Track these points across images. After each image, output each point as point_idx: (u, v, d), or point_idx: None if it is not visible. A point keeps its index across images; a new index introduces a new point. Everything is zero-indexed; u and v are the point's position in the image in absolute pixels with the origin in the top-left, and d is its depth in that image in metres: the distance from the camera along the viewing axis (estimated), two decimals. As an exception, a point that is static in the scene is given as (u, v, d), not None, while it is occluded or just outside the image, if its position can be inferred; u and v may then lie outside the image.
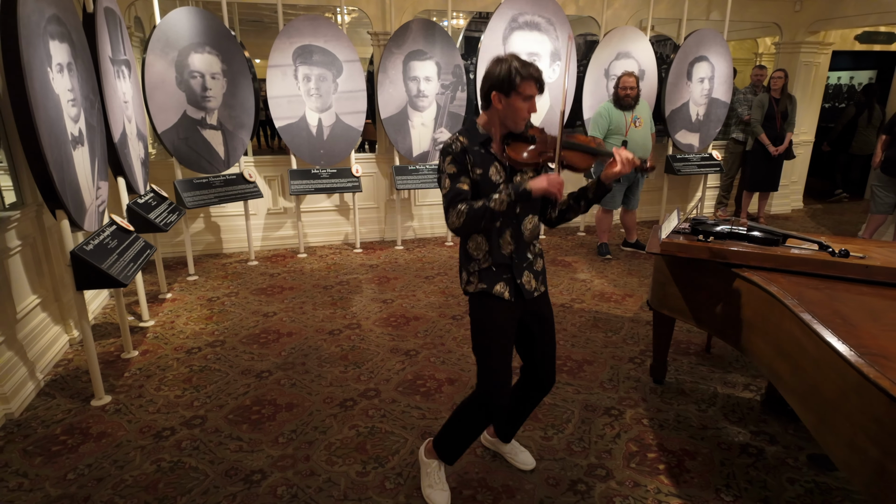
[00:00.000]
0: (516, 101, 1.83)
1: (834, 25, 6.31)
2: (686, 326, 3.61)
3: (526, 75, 1.81)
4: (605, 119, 4.78)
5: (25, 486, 2.22)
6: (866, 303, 1.99)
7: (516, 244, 1.94)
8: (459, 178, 1.86)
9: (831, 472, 2.33)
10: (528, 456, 2.36)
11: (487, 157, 1.89)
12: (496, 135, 1.93)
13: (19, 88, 2.23)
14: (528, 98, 1.84)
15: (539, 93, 1.86)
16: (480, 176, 1.87)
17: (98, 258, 2.67)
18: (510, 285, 1.94)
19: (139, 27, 6.12)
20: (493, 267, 1.93)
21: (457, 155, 1.86)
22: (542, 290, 2.03)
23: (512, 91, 1.82)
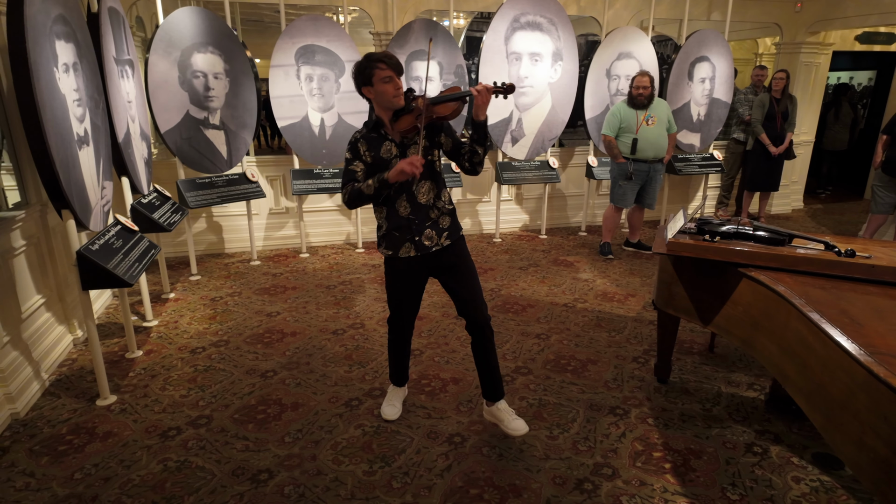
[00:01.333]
0: (378, 86, 2.19)
1: (834, 26, 6.33)
2: (689, 326, 3.62)
3: (375, 61, 2.17)
4: (616, 117, 4.81)
5: (33, 485, 2.22)
6: (873, 302, 1.99)
7: (412, 207, 2.31)
8: (353, 162, 2.28)
9: (836, 471, 2.33)
10: (521, 423, 2.44)
11: (379, 139, 2.29)
12: (385, 118, 2.28)
13: (26, 88, 2.23)
14: (387, 79, 2.18)
15: (394, 72, 2.18)
16: (373, 157, 2.27)
17: (104, 258, 2.67)
18: (413, 244, 2.32)
19: (141, 27, 6.12)
20: (395, 231, 2.32)
21: (351, 144, 2.29)
22: (446, 244, 2.36)
23: (371, 78, 2.19)
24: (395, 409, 2.67)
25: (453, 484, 2.24)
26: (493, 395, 2.48)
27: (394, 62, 2.19)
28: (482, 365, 2.45)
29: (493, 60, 5.16)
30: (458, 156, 2.35)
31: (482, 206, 6.00)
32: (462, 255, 2.41)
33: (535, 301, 4.11)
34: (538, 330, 3.63)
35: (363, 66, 2.19)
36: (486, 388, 2.49)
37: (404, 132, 2.25)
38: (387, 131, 2.29)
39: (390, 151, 2.27)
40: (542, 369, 3.13)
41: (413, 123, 2.21)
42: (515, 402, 2.79)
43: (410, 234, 2.32)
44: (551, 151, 5.80)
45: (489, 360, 2.44)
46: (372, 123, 2.30)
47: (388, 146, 2.28)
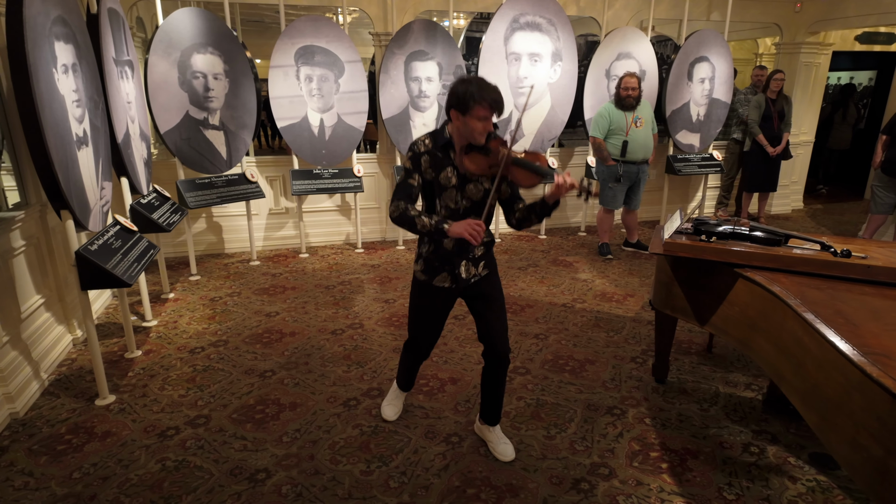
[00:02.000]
0: (471, 121, 2.03)
1: (834, 26, 6.33)
2: (687, 326, 3.63)
3: (479, 99, 1.99)
4: (605, 119, 4.81)
5: (31, 484, 2.23)
6: (868, 303, 2.00)
7: (456, 242, 2.18)
8: (412, 174, 2.14)
9: (833, 471, 2.34)
10: (508, 448, 2.42)
11: (445, 161, 2.14)
12: (457, 143, 2.13)
13: (25, 89, 2.24)
14: (483, 118, 2.03)
15: (494, 114, 2.04)
16: (434, 177, 2.15)
17: (103, 258, 2.68)
18: (450, 275, 2.24)
19: (141, 27, 6.13)
20: (436, 260, 2.23)
21: (416, 154, 2.14)
22: (482, 274, 2.29)
23: (467, 111, 2.01)
24: (395, 410, 2.69)
25: (450, 483, 2.24)
26: (491, 419, 2.45)
27: (499, 106, 2.03)
28: (490, 391, 2.39)
29: (493, 61, 5.17)
30: (510, 209, 2.24)
31: (482, 207, 6.00)
32: (496, 285, 2.32)
33: (533, 301, 4.12)
34: (537, 330, 3.64)
35: (467, 94, 1.99)
36: (486, 411, 2.45)
37: (471, 172, 2.09)
38: (454, 157, 2.14)
39: (450, 179, 2.14)
40: (541, 369, 3.14)
41: (485, 170, 2.06)
42: (513, 402, 2.80)
43: (451, 266, 2.22)
44: (551, 152, 5.80)
45: (498, 389, 2.38)
46: (443, 141, 2.14)
47: (450, 173, 2.13)
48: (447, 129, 2.15)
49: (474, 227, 1.97)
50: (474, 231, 1.97)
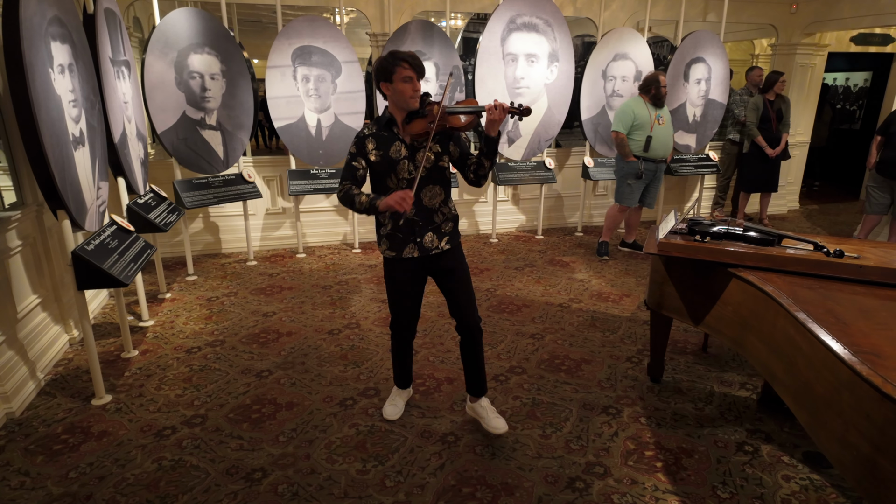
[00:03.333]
0: (398, 84, 2.19)
1: (830, 27, 6.36)
2: (683, 326, 3.64)
3: (398, 59, 2.18)
4: (629, 115, 4.74)
5: (27, 484, 2.23)
6: (859, 302, 2.01)
7: (418, 209, 2.32)
8: (356, 158, 2.29)
9: (826, 470, 2.35)
10: (500, 421, 2.51)
11: (390, 138, 2.29)
12: (398, 117, 2.29)
13: (21, 89, 2.24)
14: (407, 79, 2.19)
15: (416, 73, 2.20)
16: (381, 156, 2.28)
17: (99, 258, 2.68)
18: (416, 245, 2.36)
19: (138, 27, 6.14)
20: (399, 232, 2.34)
21: (358, 139, 2.30)
22: (446, 248, 2.41)
23: (391, 77, 2.19)
24: (397, 409, 2.70)
25: (446, 482, 2.25)
26: (477, 391, 2.58)
27: (417, 63, 2.20)
28: (469, 363, 2.54)
29: (490, 61, 5.18)
30: (465, 166, 2.38)
31: (479, 207, 6.02)
32: (460, 259, 2.46)
33: (530, 301, 4.13)
34: (533, 330, 3.65)
35: (385, 62, 2.19)
36: (471, 384, 2.58)
37: (415, 136, 2.27)
38: (398, 131, 2.30)
39: (399, 152, 2.28)
40: (537, 369, 3.15)
41: (425, 129, 2.22)
42: (509, 402, 2.81)
43: (413, 235, 2.35)
44: (548, 152, 5.82)
45: (477, 359, 2.52)
46: (384, 120, 2.31)
47: (398, 146, 2.28)
48: (387, 111, 2.32)
49: (400, 196, 2.11)
50: (400, 199, 2.11)
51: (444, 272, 2.44)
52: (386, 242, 2.40)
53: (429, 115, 2.25)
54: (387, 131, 2.30)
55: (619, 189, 5.02)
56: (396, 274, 2.43)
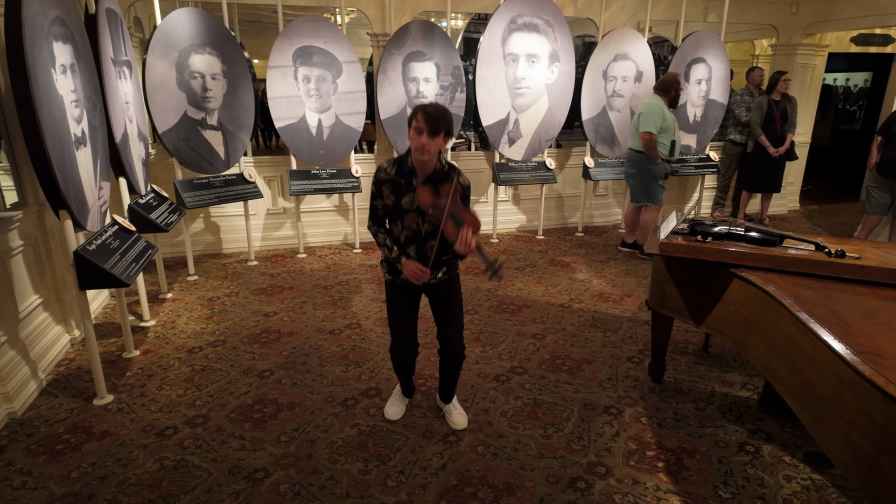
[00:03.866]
0: (410, 133, 2.18)
1: (830, 28, 6.36)
2: (684, 326, 3.65)
3: (419, 110, 2.15)
4: (660, 116, 4.67)
5: (30, 484, 2.23)
6: (861, 302, 2.02)
7: (418, 254, 2.35)
8: (375, 198, 2.35)
9: (827, 470, 2.36)
10: (461, 418, 2.65)
11: (407, 188, 2.29)
12: (420, 169, 2.26)
13: (24, 89, 2.24)
14: (417, 130, 2.15)
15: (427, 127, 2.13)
16: (394, 202, 2.30)
17: (101, 258, 2.68)
18: None
19: (139, 28, 6.14)
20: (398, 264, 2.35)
21: (378, 182, 2.33)
22: (444, 279, 2.43)
23: (410, 125, 2.19)
24: (399, 410, 2.72)
25: (448, 482, 2.26)
26: (446, 398, 2.71)
27: (430, 119, 2.12)
28: (445, 379, 2.64)
29: (490, 62, 5.18)
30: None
31: (479, 207, 6.02)
32: (455, 288, 2.49)
33: (531, 301, 4.13)
34: (534, 330, 3.65)
35: (414, 108, 2.18)
36: (443, 392, 2.71)
37: (419, 203, 2.25)
38: (416, 184, 2.27)
39: (412, 204, 2.28)
40: (538, 369, 3.15)
41: (427, 208, 2.23)
42: (510, 402, 2.82)
43: None
44: (548, 152, 5.82)
45: (453, 378, 2.62)
46: (406, 170, 2.28)
47: (411, 197, 2.28)
48: (411, 157, 2.26)
49: (419, 272, 2.25)
50: (418, 275, 2.26)
51: (439, 298, 2.48)
52: (385, 266, 2.46)
53: (437, 200, 2.22)
54: (405, 179, 2.28)
55: (649, 190, 4.88)
56: (394, 295, 2.49)
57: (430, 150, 2.17)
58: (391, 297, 2.50)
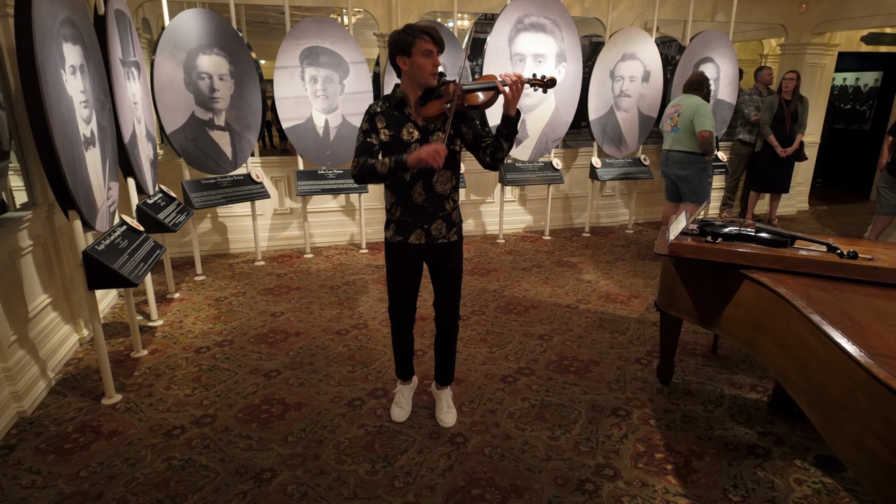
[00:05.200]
0: (417, 58, 2.08)
1: (840, 27, 6.31)
2: (692, 327, 3.62)
3: (417, 33, 2.06)
4: (711, 113, 4.61)
5: (39, 483, 2.24)
6: (874, 304, 1.99)
7: (428, 195, 2.26)
8: (370, 134, 2.20)
9: (839, 473, 2.33)
10: (449, 417, 2.62)
11: (401, 119, 2.19)
12: (412, 97, 2.19)
13: (34, 90, 2.25)
14: (427, 53, 2.08)
15: (436, 47, 2.08)
16: (391, 136, 2.18)
17: (110, 258, 2.69)
18: (424, 232, 2.31)
19: (147, 29, 6.17)
20: (407, 217, 2.29)
21: (371, 115, 2.20)
22: (452, 239, 2.37)
23: (411, 49, 2.07)
24: (404, 411, 2.69)
25: (455, 484, 2.25)
26: (443, 379, 2.67)
27: (438, 36, 2.08)
28: (440, 354, 2.61)
29: (497, 62, 5.17)
30: (479, 149, 2.25)
31: (486, 207, 6.01)
32: (458, 256, 2.45)
33: (538, 302, 4.12)
34: (541, 331, 3.64)
35: (404, 34, 2.07)
36: (439, 374, 2.67)
37: (430, 117, 2.13)
38: (410, 112, 2.19)
39: (412, 135, 2.18)
40: (545, 370, 3.14)
41: (441, 109, 2.08)
42: (517, 403, 2.80)
43: (423, 221, 2.30)
44: (555, 152, 5.80)
45: (448, 352, 2.60)
46: (396, 100, 2.19)
47: (410, 128, 2.18)
48: (398, 90, 2.21)
49: (433, 149, 2.00)
50: (435, 153, 2.00)
51: (441, 268, 2.42)
52: (393, 227, 2.34)
53: (444, 94, 2.10)
54: (398, 111, 2.19)
55: (704, 187, 4.80)
56: (399, 258, 2.39)
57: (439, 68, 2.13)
58: (394, 260, 2.40)
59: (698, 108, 4.57)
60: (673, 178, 4.90)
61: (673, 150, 4.80)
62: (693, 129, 4.59)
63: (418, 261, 2.41)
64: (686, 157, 4.74)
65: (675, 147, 4.77)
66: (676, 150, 4.77)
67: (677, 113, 4.73)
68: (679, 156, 4.77)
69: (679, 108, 4.71)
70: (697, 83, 4.69)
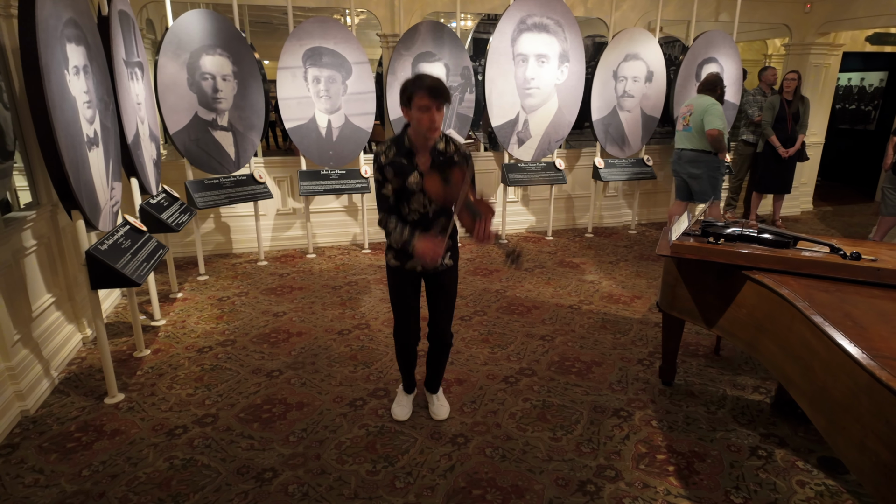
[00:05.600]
0: (415, 112, 2.10)
1: (844, 27, 6.28)
2: (695, 328, 3.61)
3: (416, 88, 2.06)
4: (722, 113, 4.63)
5: (41, 482, 2.25)
6: (877, 306, 1.98)
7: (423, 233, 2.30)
8: (384, 185, 2.27)
9: (842, 476, 2.32)
10: (442, 410, 2.71)
11: (409, 167, 2.23)
12: (419, 146, 2.22)
13: (37, 91, 2.26)
14: (424, 108, 2.08)
15: (435, 102, 2.07)
16: (399, 185, 2.24)
17: (112, 258, 2.70)
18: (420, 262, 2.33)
19: (151, 29, 6.19)
20: (406, 248, 2.30)
21: (380, 166, 2.25)
22: (448, 264, 2.44)
23: (410, 102, 2.10)
24: (405, 410, 2.72)
25: (456, 484, 2.25)
26: (432, 388, 2.77)
27: (437, 93, 2.07)
28: (431, 367, 2.69)
29: (500, 62, 5.17)
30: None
31: (488, 208, 6.00)
32: (453, 278, 2.52)
33: (540, 302, 4.11)
34: (543, 331, 3.63)
35: (408, 85, 2.11)
36: (429, 381, 2.75)
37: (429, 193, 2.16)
38: (417, 161, 2.23)
39: (417, 184, 2.24)
40: (547, 371, 3.13)
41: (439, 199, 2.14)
42: (519, 404, 2.80)
43: None
44: (558, 153, 5.80)
45: (440, 365, 2.68)
46: (404, 150, 2.23)
47: (416, 177, 2.23)
48: (407, 135, 2.24)
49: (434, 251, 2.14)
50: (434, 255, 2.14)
51: (437, 287, 2.50)
52: (392, 252, 2.44)
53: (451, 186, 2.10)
54: (406, 159, 2.23)
55: (716, 186, 4.81)
56: (398, 281, 2.48)
57: (439, 125, 2.15)
58: (395, 284, 2.51)
59: (709, 107, 4.60)
60: (685, 176, 4.91)
61: (685, 148, 4.84)
62: (703, 128, 4.62)
63: (417, 281, 2.51)
64: (698, 155, 4.76)
65: (687, 146, 4.82)
66: (688, 148, 4.81)
67: (689, 112, 4.76)
68: (691, 154, 4.80)
69: (691, 108, 4.74)
70: (711, 84, 4.72)
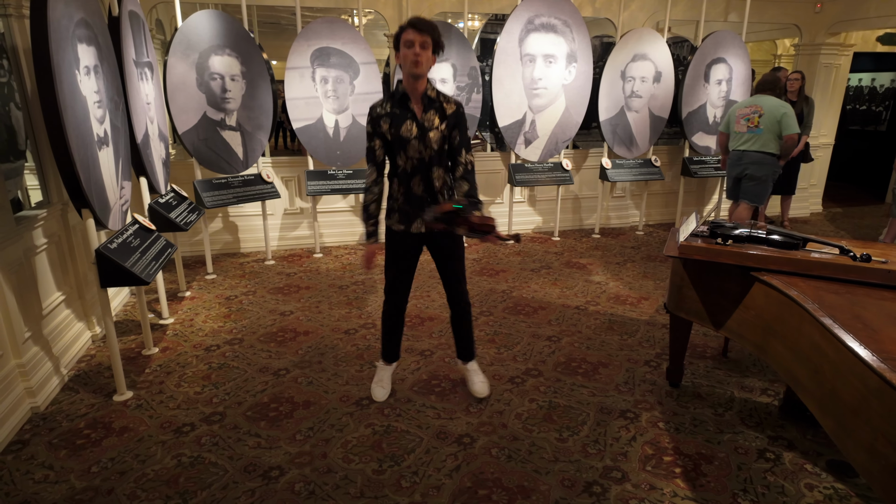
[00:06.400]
0: (402, 50, 2.22)
1: (855, 27, 6.23)
2: (702, 330, 3.59)
3: (405, 25, 2.20)
4: None
5: (51, 477, 2.28)
6: (888, 308, 1.96)
7: (426, 186, 2.43)
8: (373, 139, 2.39)
9: (851, 479, 2.30)
10: (482, 386, 2.79)
11: (402, 115, 2.32)
12: (412, 92, 2.31)
13: (49, 91, 2.29)
14: (408, 44, 2.20)
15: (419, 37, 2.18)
16: (393, 134, 2.33)
17: (122, 256, 2.72)
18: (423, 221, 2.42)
19: (160, 30, 6.24)
20: (408, 206, 2.44)
21: (374, 118, 2.37)
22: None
23: (398, 43, 2.23)
24: (385, 391, 2.83)
25: (462, 484, 2.25)
26: (465, 355, 2.83)
27: (420, 26, 2.18)
28: (458, 332, 2.78)
29: (507, 62, 5.17)
30: (452, 160, 2.46)
31: (495, 208, 6.01)
32: (458, 239, 2.57)
33: (546, 303, 4.11)
34: (549, 332, 3.63)
35: (398, 30, 2.24)
36: (460, 350, 2.82)
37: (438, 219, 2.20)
38: (412, 104, 2.32)
39: (410, 131, 2.31)
40: (553, 371, 3.13)
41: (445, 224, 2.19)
42: (525, 404, 2.80)
43: (423, 212, 2.43)
44: (565, 153, 5.79)
45: (465, 328, 2.76)
46: (398, 96, 2.32)
47: (410, 125, 2.31)
48: (400, 86, 2.33)
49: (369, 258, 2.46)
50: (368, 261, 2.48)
51: (443, 252, 2.56)
52: (396, 216, 2.49)
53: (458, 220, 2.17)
54: (399, 108, 2.33)
55: (767, 188, 4.74)
56: (400, 245, 2.54)
57: (423, 62, 2.21)
58: (395, 247, 2.56)
59: (785, 109, 4.49)
60: (744, 177, 4.75)
61: (752, 150, 4.65)
62: (779, 131, 4.51)
63: (418, 246, 2.57)
64: (766, 157, 4.62)
65: (755, 147, 4.63)
66: (756, 150, 4.63)
67: (757, 114, 4.60)
68: (759, 156, 4.63)
69: (759, 109, 4.58)
70: (771, 83, 4.61)
